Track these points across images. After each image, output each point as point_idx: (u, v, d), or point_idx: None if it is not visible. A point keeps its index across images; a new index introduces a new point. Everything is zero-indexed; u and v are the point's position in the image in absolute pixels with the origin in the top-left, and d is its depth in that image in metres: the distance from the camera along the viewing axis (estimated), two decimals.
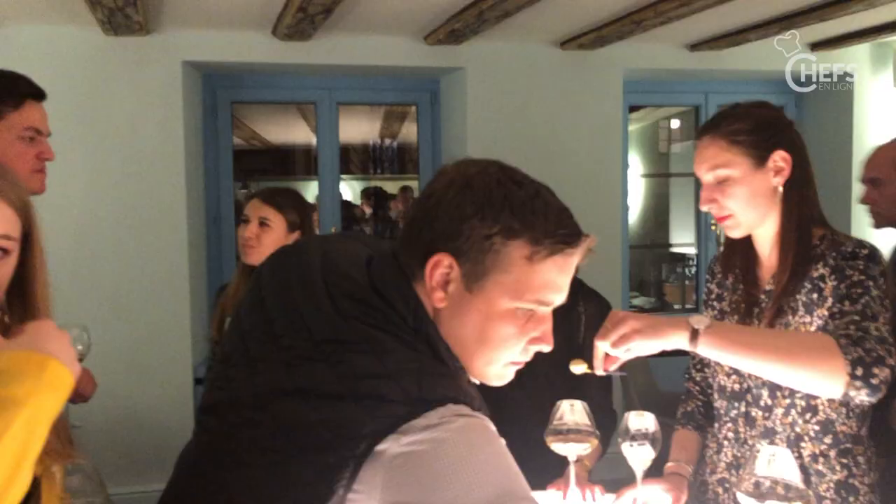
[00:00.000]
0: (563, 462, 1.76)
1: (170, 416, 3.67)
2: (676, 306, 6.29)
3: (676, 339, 1.41)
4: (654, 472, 1.69)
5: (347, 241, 1.19)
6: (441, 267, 1.03)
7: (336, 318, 1.01)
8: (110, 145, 3.63)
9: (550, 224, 1.03)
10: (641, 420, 1.64)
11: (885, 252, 1.89)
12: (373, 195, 7.21)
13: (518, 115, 4.01)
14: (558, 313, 2.27)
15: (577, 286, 2.26)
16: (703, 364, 1.84)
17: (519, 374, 2.25)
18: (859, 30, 3.86)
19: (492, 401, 2.36)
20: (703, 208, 1.64)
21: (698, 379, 1.87)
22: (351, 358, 0.97)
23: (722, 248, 1.79)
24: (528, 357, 1.10)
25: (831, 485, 1.58)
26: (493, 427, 0.97)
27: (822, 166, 4.73)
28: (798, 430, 1.60)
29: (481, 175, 1.05)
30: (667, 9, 3.16)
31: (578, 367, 1.58)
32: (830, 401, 1.57)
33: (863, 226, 4.46)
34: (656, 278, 6.77)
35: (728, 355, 1.42)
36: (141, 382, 3.69)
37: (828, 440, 1.59)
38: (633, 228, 7.01)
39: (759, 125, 1.59)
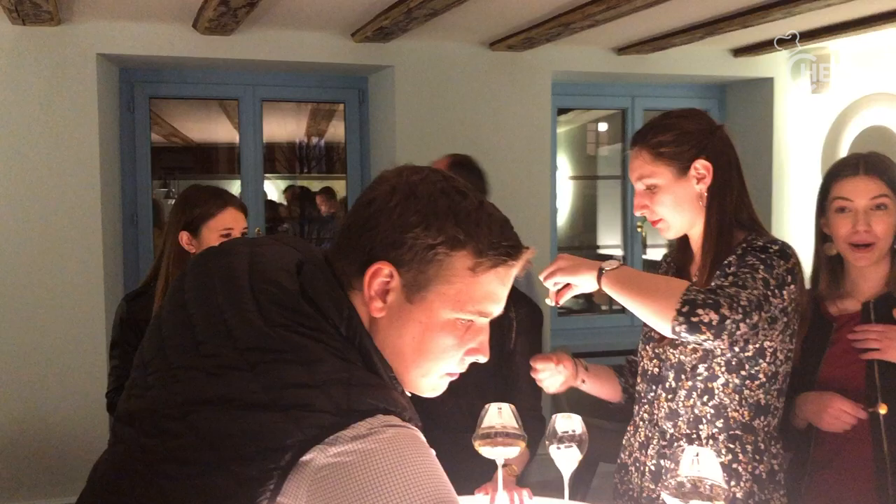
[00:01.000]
0: (492, 467, 1.75)
1: (84, 427, 3.51)
2: (604, 307, 6.38)
3: (588, 277, 1.62)
4: (582, 474, 1.72)
5: (277, 244, 1.15)
6: (381, 276, 1.00)
7: (262, 326, 0.97)
8: (19, 141, 3.45)
9: (494, 235, 1.02)
10: (569, 422, 1.65)
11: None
12: (298, 194, 7.11)
13: (447, 115, 3.98)
14: (490, 321, 2.26)
15: (510, 293, 2.25)
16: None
17: (452, 383, 2.24)
18: (779, 37, 3.97)
19: (422, 408, 2.34)
20: (637, 213, 1.77)
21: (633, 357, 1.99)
22: (278, 367, 0.93)
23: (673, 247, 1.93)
24: (463, 368, 1.09)
25: None
26: (423, 438, 0.95)
27: (743, 169, 4.85)
28: (697, 412, 1.70)
29: (425, 183, 1.03)
30: (594, 12, 3.17)
31: (548, 300, 1.72)
32: (724, 386, 1.67)
33: (783, 225, 4.62)
34: None
35: (616, 294, 1.58)
36: (53, 391, 3.51)
37: (719, 424, 1.68)
38: (561, 230, 7.08)
39: (681, 136, 1.70)
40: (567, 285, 1.67)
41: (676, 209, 1.70)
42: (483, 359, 1.09)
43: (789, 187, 4.43)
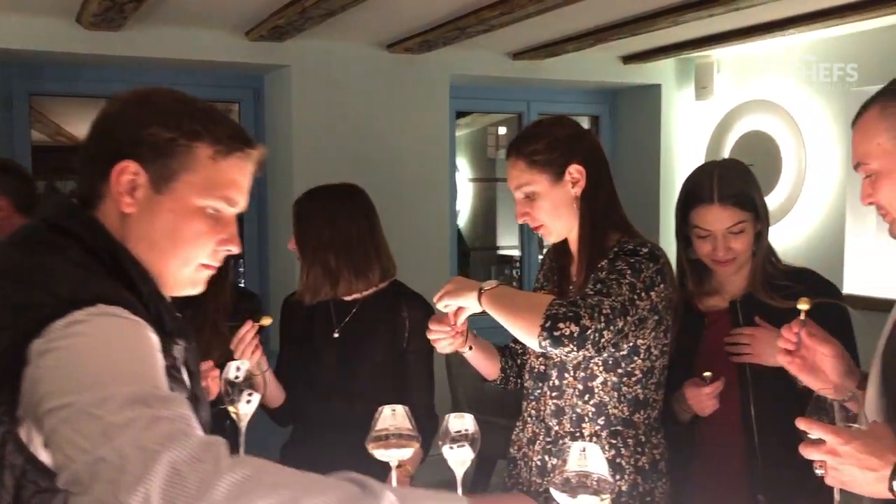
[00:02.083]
0: (389, 468, 1.75)
1: None
2: None
3: (470, 298, 1.69)
4: (481, 471, 1.74)
5: None
6: (127, 174, 1.07)
7: (3, 259, 1.01)
8: None
9: (228, 129, 1.14)
10: (461, 422, 1.66)
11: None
12: None
13: (345, 116, 3.95)
14: (382, 320, 2.26)
15: (400, 291, 2.25)
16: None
17: (345, 382, 2.23)
18: (665, 45, 4.14)
19: (318, 411, 2.31)
20: (519, 221, 1.83)
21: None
22: (7, 284, 0.97)
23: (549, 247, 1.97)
24: (217, 261, 1.17)
25: None
26: (148, 333, 0.96)
27: (632, 174, 5.02)
28: (579, 410, 1.76)
29: (157, 93, 1.14)
30: (489, 16, 3.22)
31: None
32: (603, 384, 1.74)
33: (671, 226, 4.79)
34: (485, 279, 6.92)
35: (493, 313, 1.66)
36: None
37: (601, 421, 1.75)
38: (462, 231, 7.15)
39: (553, 143, 1.76)
40: (461, 307, 1.75)
41: (555, 214, 1.76)
42: (235, 249, 1.17)
43: (677, 190, 4.60)
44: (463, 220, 7.46)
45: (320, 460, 2.12)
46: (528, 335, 1.59)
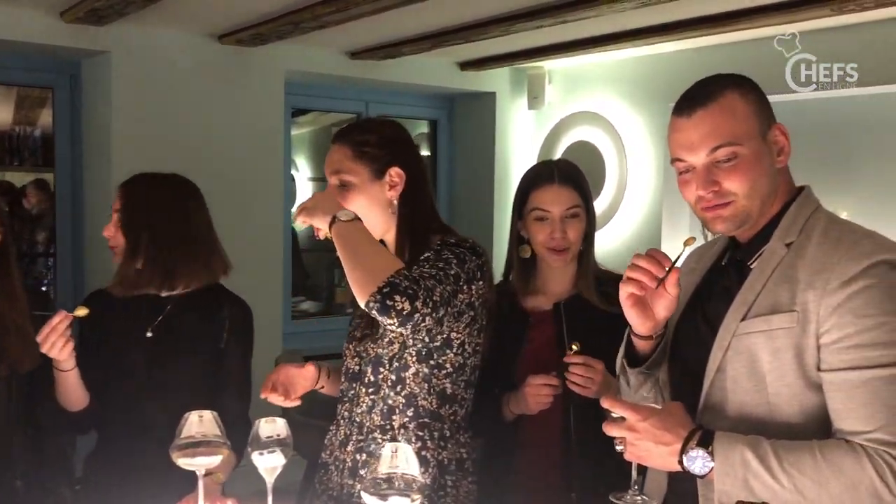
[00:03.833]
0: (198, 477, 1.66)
1: None
2: (349, 310, 6.39)
3: (323, 223, 1.65)
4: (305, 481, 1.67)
5: None
6: None
7: None
8: None
9: None
10: (273, 426, 1.61)
11: None
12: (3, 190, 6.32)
13: (172, 109, 3.76)
14: (200, 320, 2.15)
15: (220, 291, 2.17)
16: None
17: (157, 385, 2.10)
18: (499, 54, 4.25)
19: (127, 415, 2.16)
20: None
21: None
22: None
23: None
24: None
25: None
26: None
27: (468, 178, 5.10)
28: (391, 402, 1.76)
29: None
30: (323, 12, 3.17)
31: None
32: (415, 375, 1.74)
33: (504, 230, 4.93)
34: (328, 282, 6.82)
35: (338, 247, 1.62)
36: None
37: (410, 413, 1.75)
38: (303, 231, 6.99)
39: (383, 140, 1.76)
40: None
41: (367, 211, 1.74)
42: None
43: (510, 194, 4.74)
44: None
45: (129, 469, 2.01)
46: (361, 290, 1.55)
